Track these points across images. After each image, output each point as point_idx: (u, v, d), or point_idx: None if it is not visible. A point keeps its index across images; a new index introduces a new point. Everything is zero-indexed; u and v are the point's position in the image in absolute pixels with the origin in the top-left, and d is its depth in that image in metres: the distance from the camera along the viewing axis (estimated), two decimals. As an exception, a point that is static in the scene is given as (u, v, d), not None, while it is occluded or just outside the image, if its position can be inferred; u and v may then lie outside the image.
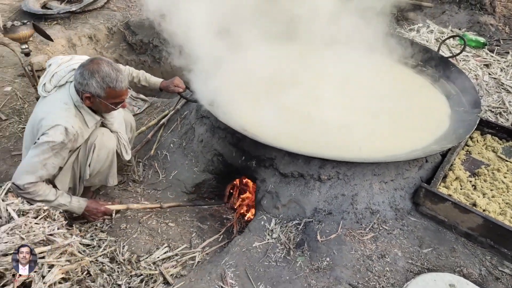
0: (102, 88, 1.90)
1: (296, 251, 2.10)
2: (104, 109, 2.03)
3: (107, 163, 2.19)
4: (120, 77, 1.93)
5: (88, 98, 1.93)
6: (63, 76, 2.01)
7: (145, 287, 1.92)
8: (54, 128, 1.88)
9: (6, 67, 3.64)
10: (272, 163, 2.35)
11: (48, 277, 1.33)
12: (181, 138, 2.90)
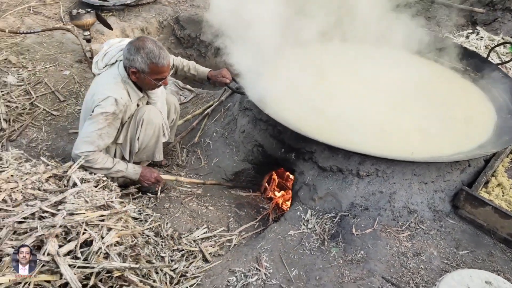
0: (146, 64, 2.04)
1: (330, 242, 2.15)
2: (148, 85, 2.17)
3: (153, 138, 2.34)
4: (163, 54, 2.07)
5: (134, 73, 2.09)
6: (113, 55, 2.20)
7: (186, 262, 2.04)
8: (106, 100, 2.06)
9: (65, 53, 3.91)
10: (311, 156, 2.41)
11: (107, 238, 1.47)
12: (223, 128, 3.02)
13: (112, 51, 2.19)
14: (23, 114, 3.08)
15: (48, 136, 2.91)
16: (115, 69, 2.16)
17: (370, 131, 2.47)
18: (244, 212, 2.64)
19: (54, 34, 4.17)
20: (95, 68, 2.21)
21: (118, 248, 1.53)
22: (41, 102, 3.24)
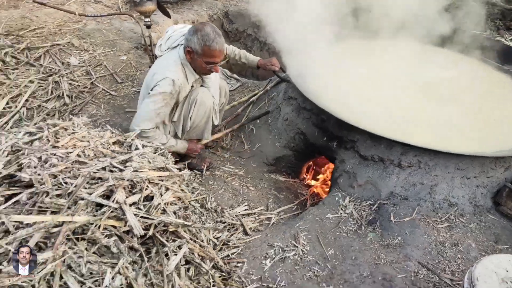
0: (200, 45, 2.18)
1: (367, 227, 2.21)
2: (199, 67, 2.30)
3: (204, 119, 2.49)
4: (217, 39, 2.19)
5: (189, 52, 2.23)
6: (175, 39, 2.37)
7: (228, 233, 2.17)
8: (164, 80, 2.22)
9: (123, 39, 4.18)
10: (353, 145, 2.48)
11: (165, 196, 1.62)
12: (267, 116, 3.13)
13: (175, 35, 2.36)
14: (84, 92, 3.35)
15: (106, 113, 3.15)
16: (176, 52, 2.33)
17: (413, 125, 2.50)
18: (283, 196, 2.74)
19: (113, 22, 4.46)
20: (158, 50, 2.39)
21: (173, 207, 1.68)
22: (100, 83, 3.50)
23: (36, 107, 3.09)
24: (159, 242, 1.55)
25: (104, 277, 1.28)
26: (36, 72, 3.44)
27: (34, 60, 3.56)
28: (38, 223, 1.30)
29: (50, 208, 1.37)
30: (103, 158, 1.64)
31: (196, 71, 2.37)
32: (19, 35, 3.86)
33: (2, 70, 3.36)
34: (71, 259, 1.27)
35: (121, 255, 1.37)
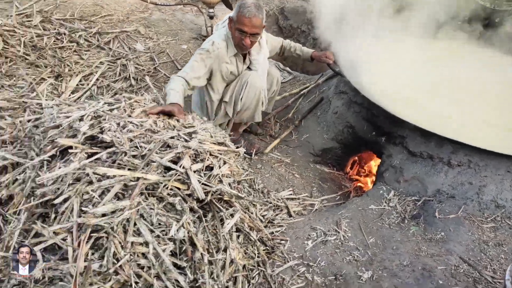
0: (236, 12, 2.32)
1: (410, 221, 2.25)
2: (233, 36, 2.42)
3: (254, 101, 2.62)
4: (252, 9, 2.28)
5: (230, 21, 2.40)
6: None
7: (273, 212, 2.31)
8: (206, 41, 2.47)
9: (184, 30, 4.43)
10: (402, 141, 2.52)
11: (222, 168, 1.78)
12: (316, 108, 3.23)
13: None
14: (147, 76, 3.61)
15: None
16: (225, 28, 2.52)
17: (465, 124, 2.50)
18: (327, 186, 2.83)
19: (176, 13, 4.74)
20: (215, 28, 2.58)
21: (228, 180, 1.83)
22: (162, 68, 3.75)
23: (105, 86, 3.39)
24: (216, 208, 1.71)
25: (170, 228, 1.45)
26: (105, 55, 3.76)
27: (104, 44, 3.88)
28: (118, 176, 1.50)
29: (127, 166, 1.57)
30: (172, 129, 1.82)
31: (234, 42, 2.47)
32: (91, 21, 4.22)
33: (76, 51, 3.71)
34: (144, 210, 1.45)
35: (183, 213, 1.54)
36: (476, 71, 3.00)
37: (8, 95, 2.94)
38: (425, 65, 3.00)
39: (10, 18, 3.73)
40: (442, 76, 2.96)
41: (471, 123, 2.54)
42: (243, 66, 2.60)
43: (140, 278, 1.38)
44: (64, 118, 1.91)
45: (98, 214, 1.38)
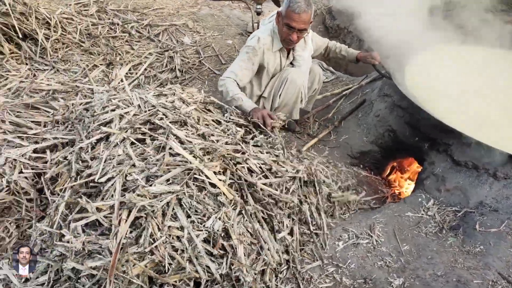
0: (286, 7, 2.32)
1: (448, 232, 2.17)
2: (281, 31, 2.43)
3: (293, 98, 2.62)
4: (301, 4, 2.27)
5: (278, 15, 2.40)
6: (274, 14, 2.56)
7: (306, 211, 2.30)
8: (251, 37, 2.48)
9: (230, 25, 4.50)
10: (446, 148, 2.43)
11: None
12: (358, 110, 3.18)
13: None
14: (192, 69, 3.72)
15: (209, 89, 3.47)
16: (271, 23, 2.53)
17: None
18: (363, 189, 2.78)
19: (223, 9, 4.83)
20: (261, 24, 2.61)
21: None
22: (207, 62, 3.84)
23: (152, 76, 3.52)
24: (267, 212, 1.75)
25: (208, 217, 1.50)
26: (154, 46, 3.90)
27: (154, 36, 4.03)
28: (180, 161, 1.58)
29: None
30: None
31: (280, 36, 2.48)
32: (143, 13, 4.39)
33: (127, 41, 3.88)
34: (184, 196, 1.51)
35: (222, 206, 1.58)
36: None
37: (62, 79, 3.13)
38: (477, 73, 2.86)
39: (69, 6, 3.97)
40: (495, 85, 2.81)
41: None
42: (286, 61, 2.61)
43: (173, 260, 1.44)
44: (114, 105, 2.01)
45: (152, 192, 1.45)
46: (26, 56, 3.32)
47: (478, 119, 2.47)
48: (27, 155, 2.00)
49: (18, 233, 1.89)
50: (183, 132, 1.79)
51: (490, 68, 3.00)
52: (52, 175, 1.94)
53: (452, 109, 2.54)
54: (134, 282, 1.38)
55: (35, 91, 2.90)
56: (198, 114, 2.00)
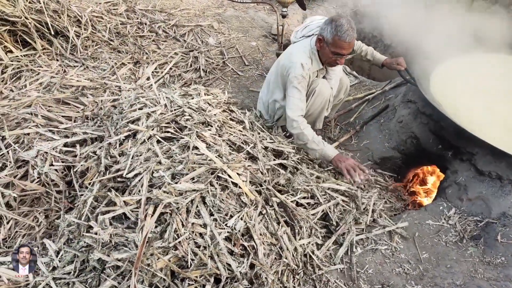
0: (332, 34, 2.27)
1: (469, 242, 2.15)
2: (326, 56, 2.41)
3: (318, 109, 2.63)
4: (350, 32, 2.25)
5: (320, 40, 2.36)
6: (311, 29, 2.56)
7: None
8: (294, 65, 2.40)
9: (255, 27, 4.55)
10: (470, 157, 2.40)
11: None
12: (380, 115, 3.17)
13: (312, 25, 2.56)
14: (216, 69, 3.77)
15: (232, 89, 3.51)
16: (308, 40, 2.51)
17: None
18: (384, 195, 2.77)
19: (248, 11, 4.87)
20: (293, 36, 2.63)
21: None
22: (230, 63, 3.90)
23: (177, 75, 3.60)
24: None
25: (229, 216, 1.54)
26: (180, 46, 3.98)
27: (180, 36, 4.11)
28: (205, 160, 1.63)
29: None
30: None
31: (322, 60, 2.49)
32: (170, 13, 4.48)
33: (154, 41, 3.97)
34: (207, 195, 1.55)
35: (244, 206, 1.62)
36: None
37: (91, 76, 3.23)
38: (504, 81, 2.81)
39: (99, 5, 4.09)
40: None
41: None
42: (320, 76, 2.63)
43: (195, 256, 1.48)
44: (142, 103, 2.08)
45: (178, 189, 1.50)
46: (57, 52, 3.44)
47: (503, 129, 2.43)
48: (58, 148, 2.09)
49: (47, 223, 1.97)
50: (208, 133, 1.83)
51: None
52: (80, 169, 2.02)
53: (477, 117, 2.51)
54: (157, 275, 1.43)
55: (65, 87, 3.01)
56: (222, 117, 2.04)
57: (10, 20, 3.29)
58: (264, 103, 2.78)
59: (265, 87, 2.78)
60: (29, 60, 3.28)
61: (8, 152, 2.08)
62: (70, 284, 1.67)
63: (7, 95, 2.83)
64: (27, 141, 2.15)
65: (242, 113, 2.36)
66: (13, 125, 2.25)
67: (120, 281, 1.50)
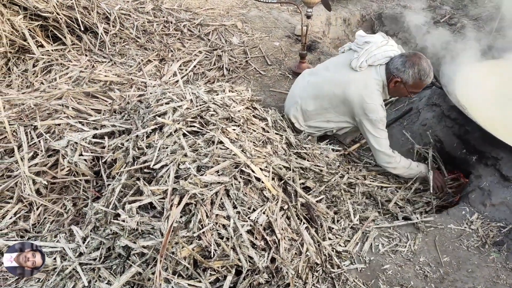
0: (414, 78, 2.29)
1: (491, 247, 2.12)
2: (400, 93, 2.47)
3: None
4: (431, 74, 2.31)
5: (396, 82, 2.34)
6: (378, 59, 2.39)
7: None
8: (376, 108, 2.37)
9: (278, 27, 4.57)
10: (495, 162, 2.36)
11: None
12: (404, 117, 3.14)
13: (378, 55, 2.37)
14: (239, 68, 3.81)
15: (254, 88, 3.54)
16: (377, 74, 2.39)
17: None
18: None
19: (272, 11, 4.90)
20: (357, 66, 2.38)
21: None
22: (253, 62, 3.93)
23: (200, 73, 3.65)
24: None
25: (251, 209, 1.57)
26: (204, 45, 4.04)
27: (204, 35, 4.17)
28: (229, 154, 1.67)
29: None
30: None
31: (391, 94, 2.50)
32: (195, 12, 4.55)
33: (179, 39, 4.04)
34: (231, 188, 1.59)
35: (267, 201, 1.65)
36: None
37: (118, 71, 3.32)
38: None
39: (127, 3, 4.19)
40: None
41: None
42: None
43: (218, 246, 1.52)
44: (168, 98, 2.13)
45: (203, 181, 1.54)
46: (86, 48, 3.54)
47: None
48: (87, 139, 2.16)
49: (75, 210, 2.04)
50: (231, 128, 1.87)
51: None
52: (108, 160, 2.09)
53: (503, 122, 2.47)
54: (181, 263, 1.47)
55: (94, 81, 3.11)
56: (246, 114, 2.07)
57: (42, 15, 3.41)
58: (304, 112, 2.65)
59: (310, 98, 2.60)
60: (59, 55, 3.39)
61: (40, 142, 2.17)
62: (96, 270, 1.73)
63: (38, 87, 2.94)
64: (58, 132, 2.23)
65: (265, 110, 2.39)
66: (45, 116, 2.34)
67: (144, 268, 1.55)
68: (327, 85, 2.52)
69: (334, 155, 2.53)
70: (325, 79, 2.54)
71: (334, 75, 2.50)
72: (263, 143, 2.03)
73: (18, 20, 3.33)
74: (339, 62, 2.56)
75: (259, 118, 2.30)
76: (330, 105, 2.55)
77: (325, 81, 2.54)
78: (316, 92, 2.57)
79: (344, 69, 2.46)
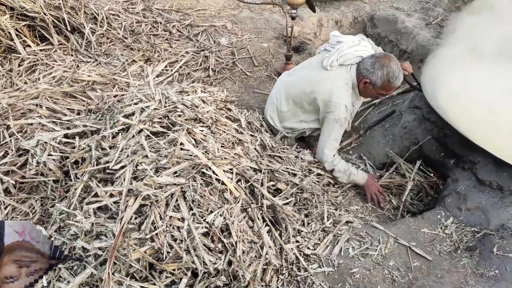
0: (382, 80, 2.26)
1: (464, 252, 2.08)
2: (369, 95, 2.45)
3: None
4: (400, 76, 2.28)
5: (365, 83, 2.32)
6: (349, 59, 2.38)
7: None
8: (338, 107, 2.33)
9: (267, 29, 4.56)
10: (472, 166, 2.33)
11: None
12: (385, 120, 3.11)
13: (349, 54, 2.37)
14: (225, 69, 3.80)
15: (238, 89, 3.54)
16: (347, 73, 2.37)
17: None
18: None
19: (263, 13, 4.89)
20: (328, 65, 2.37)
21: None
22: (240, 63, 3.92)
23: (186, 74, 3.65)
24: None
25: (209, 211, 1.56)
26: (192, 45, 4.03)
27: (193, 36, 4.17)
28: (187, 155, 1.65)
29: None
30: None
31: (362, 94, 2.47)
32: (186, 13, 4.55)
33: (167, 40, 4.04)
34: (188, 189, 1.58)
35: (226, 202, 1.63)
36: None
37: (102, 71, 3.32)
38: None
39: (117, 3, 4.20)
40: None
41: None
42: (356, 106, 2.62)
43: (172, 249, 1.50)
44: (138, 99, 2.13)
45: (158, 182, 1.53)
46: (72, 48, 3.55)
47: (509, 139, 2.34)
48: (57, 139, 2.16)
49: (42, 210, 2.04)
50: (198, 129, 1.86)
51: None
52: (78, 160, 2.09)
53: (482, 126, 2.42)
54: (133, 266, 1.46)
55: (77, 81, 3.11)
56: (217, 115, 2.06)
57: (29, 15, 3.43)
58: (279, 112, 2.65)
59: (283, 100, 2.60)
60: (45, 55, 3.40)
61: (11, 141, 2.17)
62: (56, 270, 1.73)
63: (20, 87, 2.95)
64: (30, 131, 2.24)
65: (239, 111, 2.37)
66: (19, 115, 2.35)
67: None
68: (299, 84, 2.52)
69: (311, 158, 2.51)
70: (298, 79, 2.54)
71: (306, 74, 2.50)
72: (232, 144, 2.01)
73: (5, 20, 3.35)
74: (313, 62, 2.54)
75: (232, 119, 2.28)
76: (300, 104, 2.55)
77: (298, 80, 2.54)
78: (289, 91, 2.57)
79: (317, 68, 2.45)
